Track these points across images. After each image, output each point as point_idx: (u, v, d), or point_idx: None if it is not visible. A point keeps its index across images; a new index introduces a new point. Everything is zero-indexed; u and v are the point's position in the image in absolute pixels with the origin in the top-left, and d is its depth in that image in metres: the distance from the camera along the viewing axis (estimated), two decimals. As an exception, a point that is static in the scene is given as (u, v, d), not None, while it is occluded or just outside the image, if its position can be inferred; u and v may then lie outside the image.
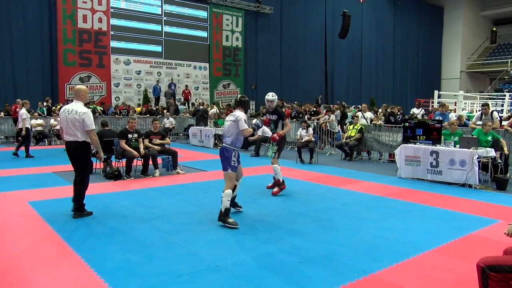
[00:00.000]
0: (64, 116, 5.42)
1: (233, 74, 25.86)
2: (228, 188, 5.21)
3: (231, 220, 5.08)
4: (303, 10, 28.26)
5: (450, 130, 8.91)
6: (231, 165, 5.28)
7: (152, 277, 3.60)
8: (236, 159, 5.36)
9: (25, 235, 4.69)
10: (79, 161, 5.49)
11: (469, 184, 7.74)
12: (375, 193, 7.24)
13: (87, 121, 5.34)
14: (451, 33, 36.88)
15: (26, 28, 18.87)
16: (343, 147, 11.75)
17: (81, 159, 5.49)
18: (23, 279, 3.54)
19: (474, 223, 5.39)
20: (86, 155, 5.56)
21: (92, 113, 5.62)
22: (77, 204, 5.49)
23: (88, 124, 5.35)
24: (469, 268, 3.58)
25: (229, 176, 5.30)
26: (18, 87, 18.57)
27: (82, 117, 5.33)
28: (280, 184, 7.05)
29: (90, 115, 5.41)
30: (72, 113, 5.37)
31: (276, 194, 6.94)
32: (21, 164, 9.81)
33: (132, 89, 22.07)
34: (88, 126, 5.35)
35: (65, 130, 5.42)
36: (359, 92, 31.23)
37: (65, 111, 5.44)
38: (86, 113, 5.38)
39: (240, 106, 5.66)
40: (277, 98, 7.22)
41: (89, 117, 5.38)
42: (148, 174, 8.64)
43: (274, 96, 7.06)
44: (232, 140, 5.37)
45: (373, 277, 3.67)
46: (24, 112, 11.24)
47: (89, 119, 5.37)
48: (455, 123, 9.22)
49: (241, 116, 5.40)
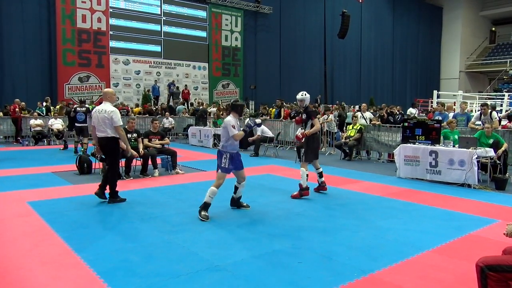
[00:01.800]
0: (96, 116, 6.19)
1: (232, 74, 25.87)
2: (216, 185, 5.51)
3: (203, 213, 5.40)
4: (302, 10, 28.28)
5: (449, 129, 8.95)
6: (221, 166, 5.61)
7: (151, 277, 3.60)
8: (228, 161, 5.56)
9: (24, 235, 4.68)
10: (109, 154, 6.31)
11: (468, 184, 7.74)
12: (374, 193, 7.24)
13: (114, 117, 6.09)
14: (450, 33, 36.94)
15: (25, 27, 18.87)
16: (342, 147, 11.76)
17: (111, 152, 6.27)
18: (22, 279, 3.53)
19: (473, 223, 5.40)
20: (115, 148, 6.26)
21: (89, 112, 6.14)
22: (110, 191, 6.25)
23: (115, 121, 6.09)
24: (468, 268, 3.59)
25: (218, 175, 5.63)
26: (17, 87, 18.57)
27: (111, 115, 6.08)
28: (302, 189, 6.70)
29: (117, 113, 6.17)
30: (102, 112, 6.12)
31: (295, 198, 6.65)
32: (20, 164, 9.80)
33: (132, 89, 22.07)
34: (115, 122, 6.10)
35: (97, 128, 6.20)
36: (358, 92, 31.27)
37: (97, 111, 6.22)
38: (114, 111, 6.14)
39: (233, 111, 5.84)
40: (308, 97, 7.01)
41: (117, 115, 6.13)
42: (147, 174, 8.64)
43: (304, 95, 6.90)
44: (223, 144, 5.68)
45: (373, 277, 3.67)
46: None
47: (117, 116, 6.12)
48: (453, 121, 9.26)
49: (230, 122, 5.58)
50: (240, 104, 6.05)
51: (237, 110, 5.83)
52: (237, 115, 5.78)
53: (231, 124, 5.55)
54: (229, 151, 5.60)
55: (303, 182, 6.69)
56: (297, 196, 6.69)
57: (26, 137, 14.96)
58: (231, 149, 5.62)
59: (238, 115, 5.82)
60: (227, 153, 5.58)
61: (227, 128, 5.56)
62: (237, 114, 5.78)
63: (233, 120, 5.63)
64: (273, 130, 14.01)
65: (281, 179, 8.51)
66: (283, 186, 7.64)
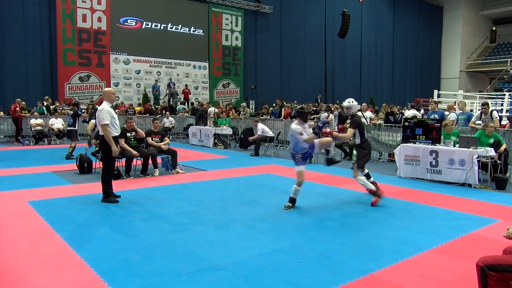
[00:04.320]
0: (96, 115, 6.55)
1: (232, 74, 25.84)
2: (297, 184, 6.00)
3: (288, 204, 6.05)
4: (302, 10, 28.25)
5: (446, 131, 8.85)
6: (296, 162, 6.17)
7: (151, 276, 3.60)
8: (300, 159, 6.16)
9: (24, 235, 4.69)
10: (103, 153, 6.43)
11: (468, 184, 7.74)
12: (374, 192, 7.22)
13: (99, 116, 6.21)
14: (450, 32, 36.88)
15: (25, 27, 18.83)
16: (342, 146, 11.75)
17: (103, 151, 6.41)
18: (23, 278, 3.54)
19: (473, 223, 5.39)
20: (105, 147, 6.27)
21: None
22: (103, 191, 6.27)
23: (100, 119, 6.18)
24: (469, 268, 3.58)
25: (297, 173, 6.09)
26: (17, 87, 18.53)
27: (98, 113, 6.26)
28: (374, 192, 6.38)
29: (104, 111, 6.18)
30: (97, 111, 6.37)
31: (375, 204, 6.30)
32: (21, 164, 9.80)
33: (132, 89, 22.05)
34: (100, 120, 6.18)
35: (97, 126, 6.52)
36: (359, 92, 31.22)
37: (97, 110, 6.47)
38: (101, 110, 6.23)
39: (298, 117, 6.22)
40: (356, 104, 6.70)
41: (103, 113, 6.16)
42: (147, 173, 8.64)
43: (350, 102, 6.61)
44: (293, 147, 6.26)
45: (373, 276, 3.67)
46: None
47: (102, 114, 6.15)
48: (449, 123, 9.17)
49: (296, 130, 6.01)
50: (306, 111, 6.34)
51: (302, 117, 6.17)
52: (302, 121, 6.14)
53: (298, 132, 5.98)
54: (300, 152, 6.13)
55: (369, 187, 6.40)
56: (377, 201, 6.32)
57: (27, 136, 14.97)
58: (300, 150, 6.12)
59: (304, 122, 6.16)
60: (298, 154, 6.14)
61: (295, 136, 6.04)
62: (302, 121, 6.14)
63: (299, 127, 6.03)
64: (273, 129, 14.01)
65: (281, 179, 8.50)
66: (283, 185, 7.63)
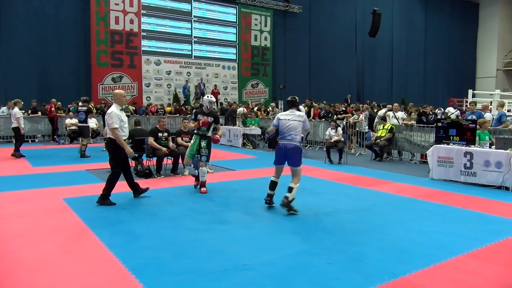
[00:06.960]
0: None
1: (261, 74, 25.88)
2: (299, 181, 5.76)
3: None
4: (332, 9, 27.97)
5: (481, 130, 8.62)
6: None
7: (181, 274, 3.65)
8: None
9: (59, 231, 4.84)
10: (109, 155, 6.20)
11: (505, 187, 7.47)
12: (405, 194, 7.09)
13: (108, 120, 6.01)
14: (486, 29, 35.61)
15: (60, 29, 19.50)
16: (373, 147, 11.56)
17: (109, 154, 6.20)
18: (57, 273, 3.65)
19: (511, 227, 5.19)
20: (112, 150, 6.11)
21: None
22: (103, 192, 6.08)
23: (109, 123, 5.99)
24: (506, 274, 3.46)
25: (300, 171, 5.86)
26: (53, 88, 19.12)
27: (107, 117, 6.05)
28: None
29: (113, 115, 5.98)
30: (106, 115, 6.15)
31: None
32: (56, 162, 10.14)
33: (162, 89, 22.43)
34: (109, 124, 5.99)
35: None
36: (390, 91, 30.62)
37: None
38: (110, 113, 6.03)
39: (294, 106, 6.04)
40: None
41: (111, 117, 5.97)
42: (177, 172, 8.77)
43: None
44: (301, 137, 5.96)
45: (404, 280, 3.59)
46: (17, 111, 10.93)
47: (111, 118, 5.97)
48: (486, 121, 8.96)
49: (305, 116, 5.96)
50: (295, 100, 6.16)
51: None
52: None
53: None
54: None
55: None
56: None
57: (62, 135, 15.50)
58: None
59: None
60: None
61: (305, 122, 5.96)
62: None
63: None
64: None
65: (310, 179, 8.43)
66: (311, 186, 7.58)
